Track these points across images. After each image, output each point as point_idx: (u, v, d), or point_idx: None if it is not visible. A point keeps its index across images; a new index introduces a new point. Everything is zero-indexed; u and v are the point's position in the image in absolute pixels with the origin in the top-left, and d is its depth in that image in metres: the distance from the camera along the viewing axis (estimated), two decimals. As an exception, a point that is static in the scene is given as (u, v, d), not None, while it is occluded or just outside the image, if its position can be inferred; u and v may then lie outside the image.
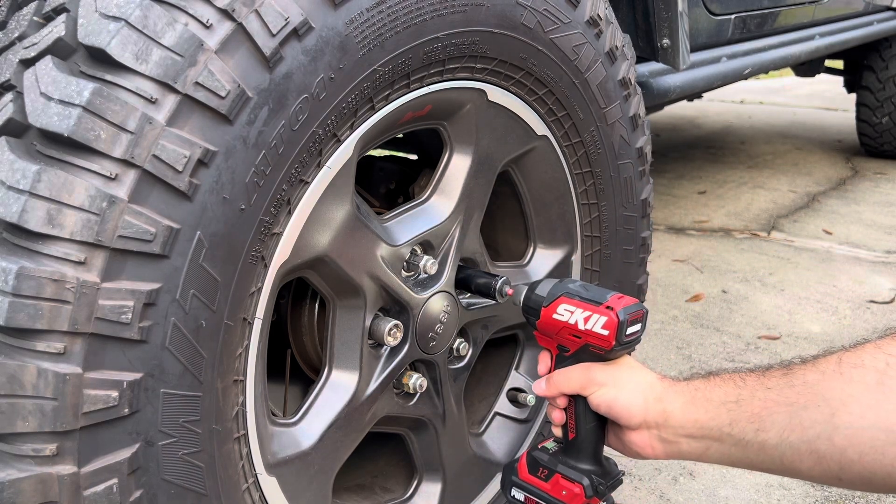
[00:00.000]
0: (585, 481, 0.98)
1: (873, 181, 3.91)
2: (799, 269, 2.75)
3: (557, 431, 1.02)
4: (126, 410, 0.71)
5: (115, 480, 0.72)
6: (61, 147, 0.68)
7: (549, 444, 1.04)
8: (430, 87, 0.98)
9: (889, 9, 3.63)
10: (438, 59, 0.94)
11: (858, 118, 4.17)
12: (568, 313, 0.96)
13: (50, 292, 0.67)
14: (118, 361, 0.71)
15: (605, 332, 0.93)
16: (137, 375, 0.72)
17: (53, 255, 0.67)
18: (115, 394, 0.70)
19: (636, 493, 1.59)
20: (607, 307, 0.93)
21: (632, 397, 0.93)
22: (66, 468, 0.70)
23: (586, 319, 0.94)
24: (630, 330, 0.93)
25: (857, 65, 4.12)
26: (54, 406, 0.68)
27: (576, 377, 0.97)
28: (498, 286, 1.10)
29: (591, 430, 0.99)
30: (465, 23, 0.95)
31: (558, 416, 1.01)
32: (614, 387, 0.94)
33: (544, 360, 1.03)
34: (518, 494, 1.03)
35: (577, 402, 0.98)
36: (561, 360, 1.00)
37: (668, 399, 0.92)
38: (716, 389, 0.89)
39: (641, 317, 0.95)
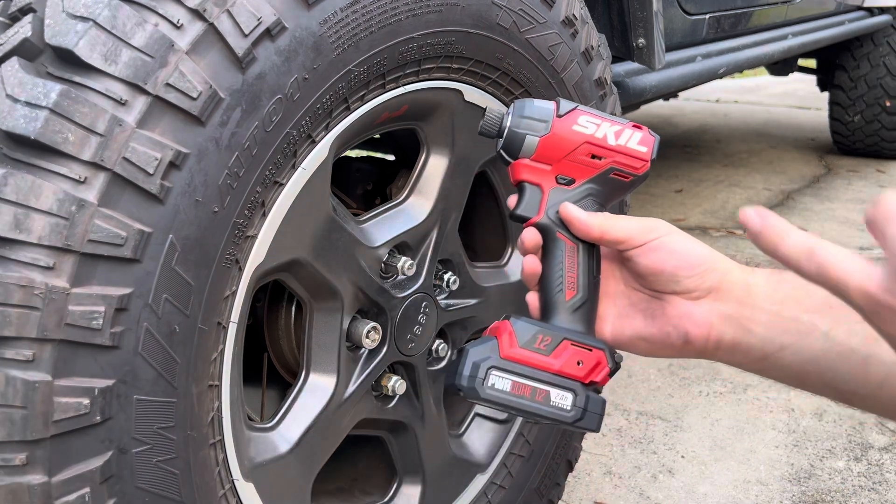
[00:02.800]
0: (602, 344, 0.75)
1: (846, 179, 3.97)
2: (774, 265, 2.78)
3: (533, 300, 0.78)
4: (98, 418, 0.70)
5: (87, 489, 0.71)
6: (28, 150, 0.67)
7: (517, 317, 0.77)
8: (406, 87, 0.97)
9: (860, 8, 3.68)
10: (414, 59, 0.94)
11: (831, 117, 4.22)
12: (593, 125, 0.76)
13: (18, 298, 0.65)
14: (89, 368, 0.69)
15: (644, 150, 0.76)
16: (109, 382, 0.70)
17: (21, 260, 0.65)
18: (86, 401, 0.69)
19: (616, 490, 1.60)
20: (634, 126, 0.77)
21: (711, 252, 0.73)
22: (37, 478, 0.68)
23: (617, 134, 0.76)
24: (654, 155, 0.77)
25: (830, 64, 4.17)
26: (23, 415, 0.66)
27: (633, 218, 0.76)
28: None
29: (595, 288, 0.77)
30: (440, 23, 0.94)
31: (531, 265, 0.78)
32: (685, 237, 0.74)
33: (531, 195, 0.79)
34: (502, 382, 0.72)
35: (581, 250, 0.76)
36: (557, 196, 0.78)
37: (750, 273, 0.74)
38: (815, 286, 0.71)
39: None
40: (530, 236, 0.79)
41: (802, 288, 0.71)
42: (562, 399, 0.73)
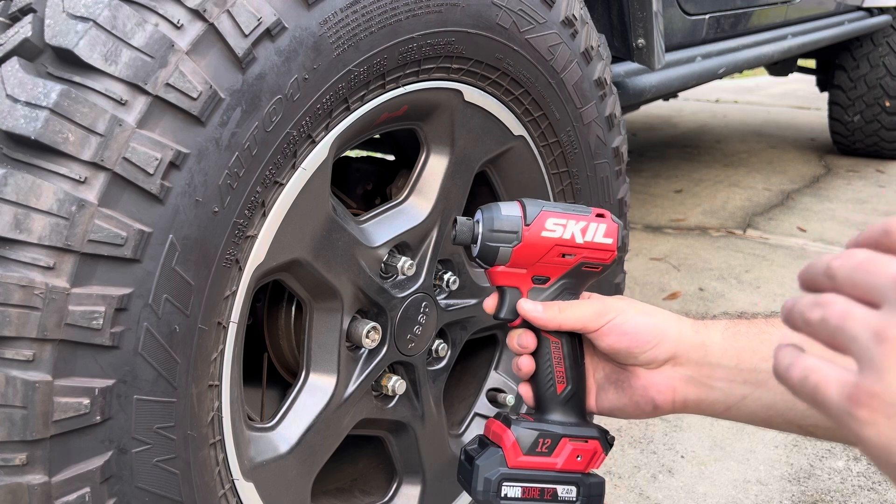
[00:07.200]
0: (595, 433, 0.80)
1: (846, 179, 3.97)
2: (774, 266, 2.78)
3: (526, 391, 0.83)
4: (98, 418, 0.70)
5: (87, 489, 0.71)
6: (28, 150, 0.67)
7: (509, 413, 0.84)
8: (405, 87, 0.97)
9: (859, 9, 3.68)
10: (414, 59, 0.94)
11: (831, 117, 4.23)
12: (560, 227, 0.80)
13: (18, 298, 0.65)
14: (89, 368, 0.69)
15: (609, 241, 0.81)
16: (110, 382, 0.70)
17: (21, 260, 0.65)
18: (86, 401, 0.69)
19: (616, 490, 1.60)
20: (598, 215, 0.82)
21: (662, 323, 0.77)
22: (37, 478, 0.68)
23: (583, 231, 0.80)
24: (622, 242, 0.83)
25: (829, 64, 4.18)
26: (24, 415, 0.67)
27: (586, 304, 0.79)
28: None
29: (582, 377, 0.82)
30: (440, 23, 0.94)
31: (527, 364, 0.82)
32: (638, 312, 0.78)
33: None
34: (513, 490, 0.78)
35: (564, 344, 0.81)
36: (536, 296, 0.83)
37: (704, 331, 0.77)
38: (767, 328, 0.74)
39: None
40: (529, 342, 0.83)
41: (756, 337, 0.76)
42: (567, 493, 0.79)
